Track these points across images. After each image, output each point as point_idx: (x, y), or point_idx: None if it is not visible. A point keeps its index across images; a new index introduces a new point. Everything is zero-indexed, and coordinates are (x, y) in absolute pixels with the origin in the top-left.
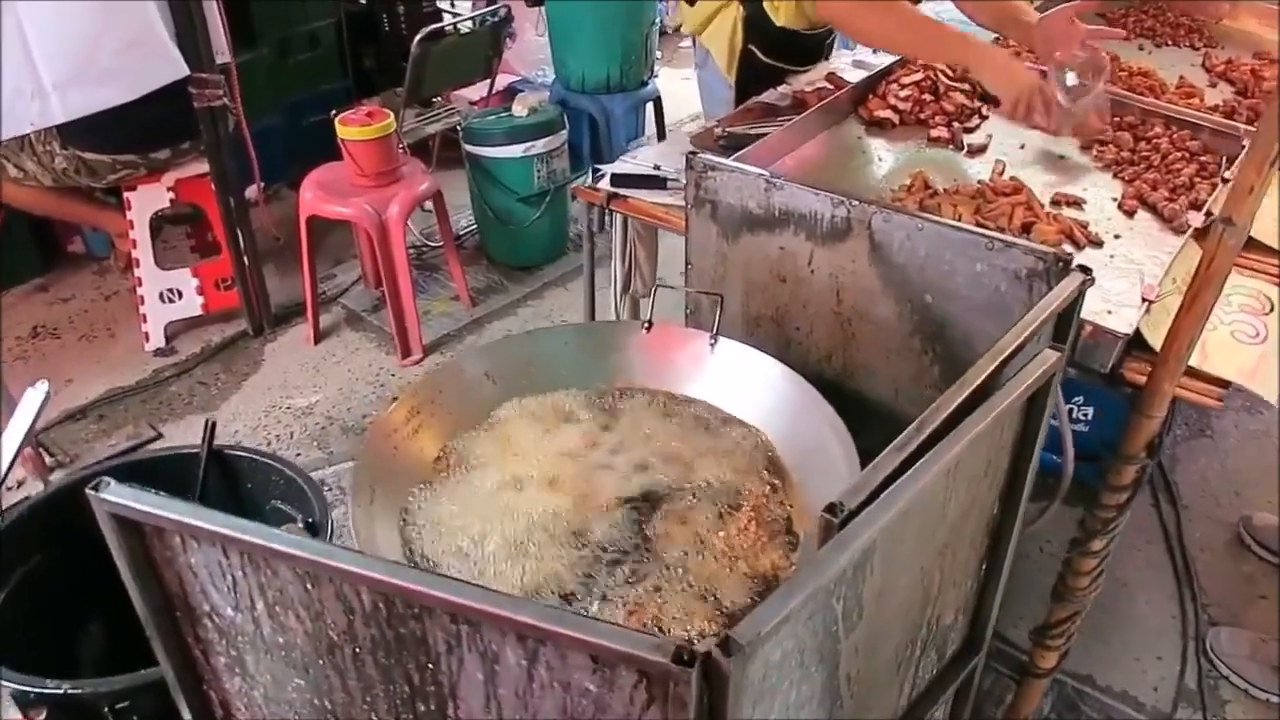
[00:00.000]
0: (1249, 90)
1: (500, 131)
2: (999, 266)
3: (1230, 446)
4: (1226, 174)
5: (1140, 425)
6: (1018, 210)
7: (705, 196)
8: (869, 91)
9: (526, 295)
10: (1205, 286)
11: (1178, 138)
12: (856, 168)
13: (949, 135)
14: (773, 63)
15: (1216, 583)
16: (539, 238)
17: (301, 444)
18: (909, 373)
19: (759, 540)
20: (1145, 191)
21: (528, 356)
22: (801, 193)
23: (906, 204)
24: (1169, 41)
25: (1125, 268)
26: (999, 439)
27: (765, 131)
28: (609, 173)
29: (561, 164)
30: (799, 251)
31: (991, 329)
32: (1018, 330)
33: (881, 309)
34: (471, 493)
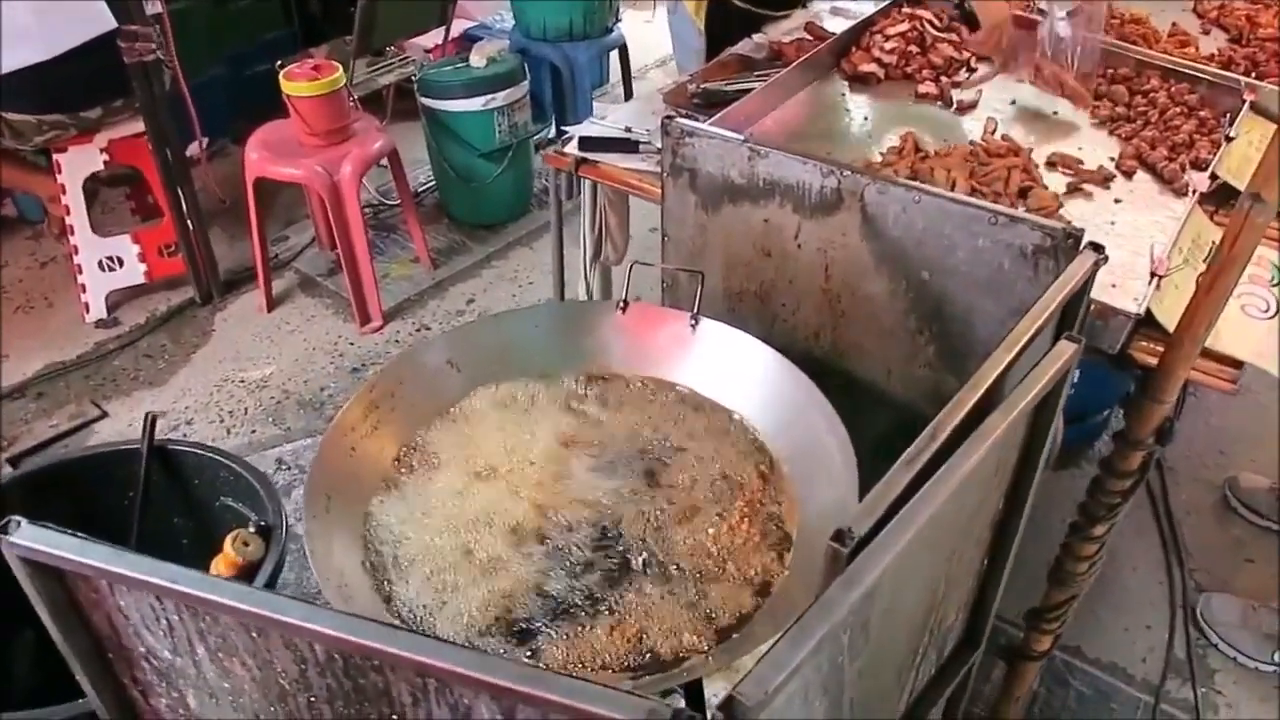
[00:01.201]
0: (1244, 37)
1: (458, 83)
2: (1003, 242)
3: (1213, 405)
4: (1230, 132)
5: (1150, 410)
6: (1014, 174)
7: (683, 164)
8: (852, 44)
9: (490, 255)
10: (1228, 267)
11: (1175, 91)
12: (841, 128)
13: (937, 91)
14: (746, 6)
15: (1204, 548)
16: (502, 194)
17: (256, 420)
18: (902, 353)
19: (750, 539)
20: (1144, 150)
21: (495, 342)
22: (788, 161)
23: (897, 168)
24: None
25: (1129, 235)
26: (1011, 439)
27: (743, 89)
28: (577, 135)
29: (524, 117)
30: (785, 224)
31: (993, 307)
32: (1030, 318)
33: (874, 286)
34: (437, 495)
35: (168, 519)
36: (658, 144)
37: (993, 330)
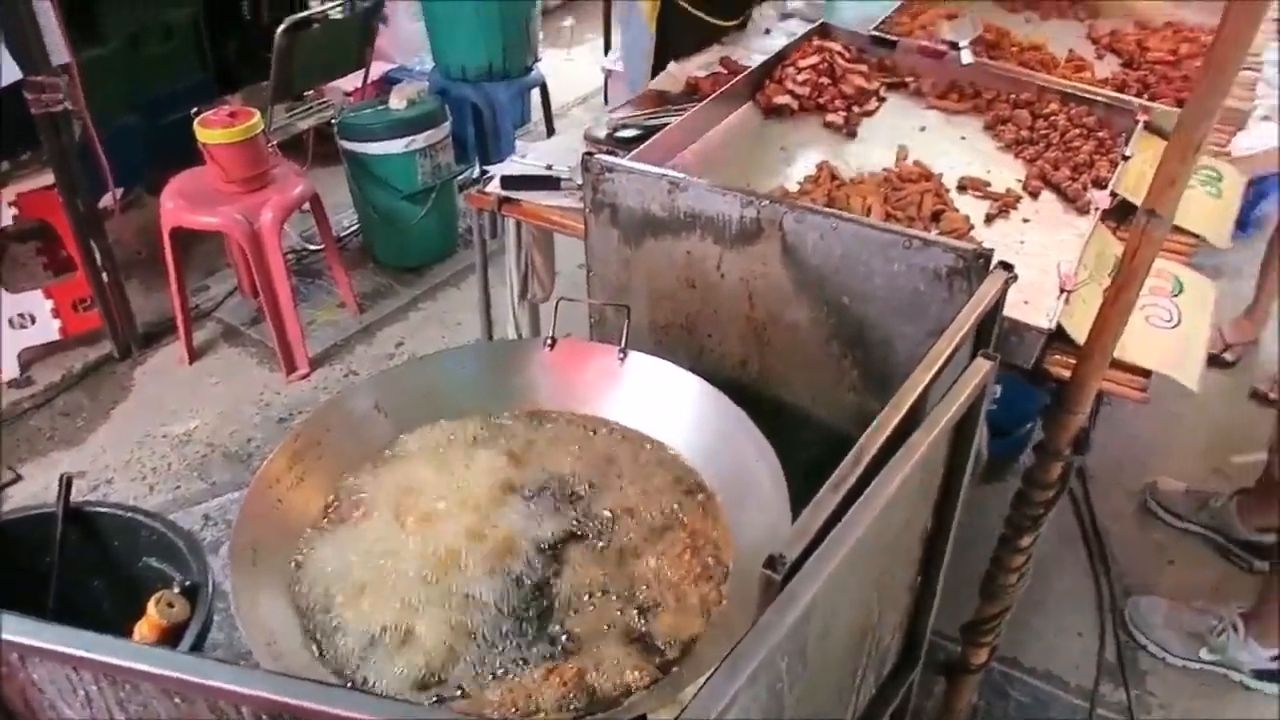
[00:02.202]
0: (1135, 62)
1: (379, 126)
2: (918, 265)
3: (1129, 413)
4: (1127, 151)
5: (1066, 421)
6: (927, 198)
7: (604, 200)
8: (765, 77)
9: (418, 297)
10: (1130, 281)
11: (1074, 114)
12: (759, 159)
13: (843, 121)
14: (695, 11)
15: (1128, 552)
16: (427, 236)
17: (180, 476)
18: (827, 377)
19: (688, 570)
20: (1048, 171)
21: (422, 384)
22: (708, 193)
23: (814, 196)
24: (1054, 14)
25: (1038, 254)
26: (935, 456)
27: (661, 123)
28: (498, 174)
29: (446, 157)
30: (707, 255)
31: (911, 330)
32: (947, 338)
33: (797, 313)
34: (368, 543)
35: (87, 583)
36: (579, 181)
37: (913, 351)
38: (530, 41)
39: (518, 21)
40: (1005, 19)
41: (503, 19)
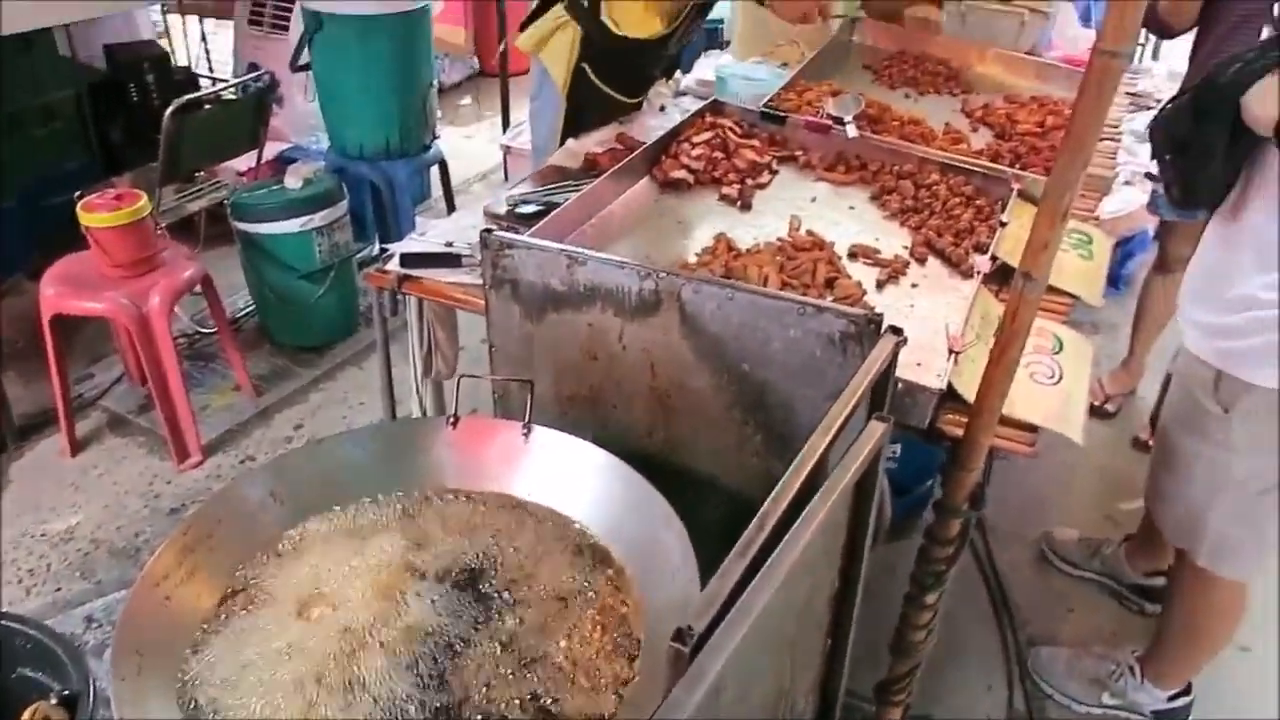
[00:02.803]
0: (1006, 134)
1: (274, 205)
2: (813, 331)
3: (1023, 466)
4: (1003, 217)
5: (961, 479)
6: (820, 266)
7: (504, 276)
8: (662, 152)
9: (318, 378)
10: (1011, 340)
11: (954, 184)
12: (657, 232)
13: (737, 194)
14: (603, 86)
15: (1030, 602)
16: (326, 315)
17: (61, 576)
18: (732, 443)
19: (600, 648)
20: (932, 238)
21: (321, 468)
22: (606, 267)
23: (712, 267)
24: (931, 90)
25: (927, 316)
26: (836, 519)
27: (560, 199)
28: (398, 252)
29: (344, 236)
30: (609, 327)
31: (810, 393)
32: (842, 402)
33: (698, 381)
34: (263, 640)
35: None
36: (479, 257)
37: (813, 413)
38: (428, 119)
39: (414, 100)
40: (886, 95)
41: (399, 98)
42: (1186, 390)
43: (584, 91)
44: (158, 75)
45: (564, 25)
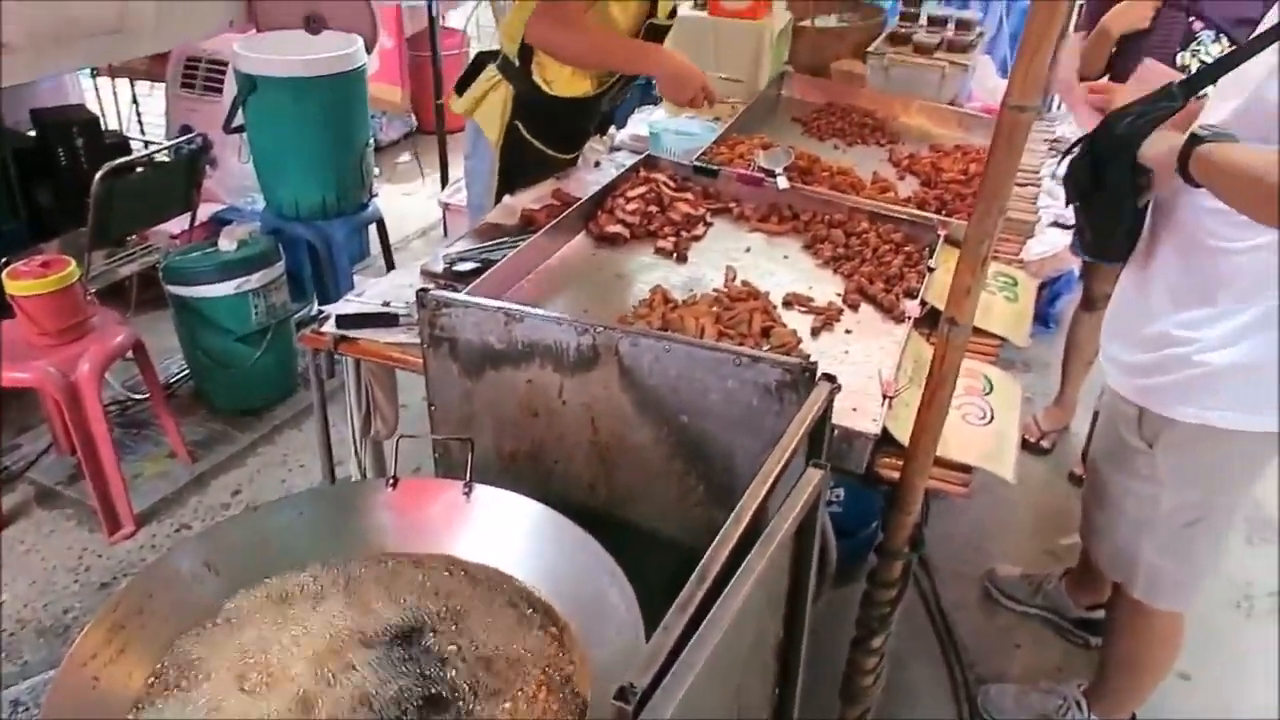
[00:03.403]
0: (932, 181)
1: (208, 268)
2: (750, 381)
3: (966, 504)
4: (931, 263)
5: (900, 521)
6: (756, 315)
7: (442, 335)
8: (597, 207)
9: (255, 442)
10: (941, 383)
11: (883, 231)
12: (594, 287)
13: (673, 246)
14: (537, 144)
15: (977, 639)
16: (264, 377)
17: None
18: (674, 495)
19: (546, 709)
20: (864, 285)
21: (258, 536)
22: (544, 323)
23: (649, 320)
24: (859, 140)
25: (862, 362)
26: (777, 568)
27: (498, 256)
28: (333, 314)
29: (281, 296)
30: (548, 383)
31: (749, 442)
32: (779, 450)
33: (639, 434)
34: (198, 715)
35: None
36: (416, 316)
37: (753, 464)
38: (365, 178)
39: (351, 159)
40: (815, 146)
41: (335, 157)
42: (1112, 427)
43: (518, 149)
44: (87, 139)
45: (496, 85)
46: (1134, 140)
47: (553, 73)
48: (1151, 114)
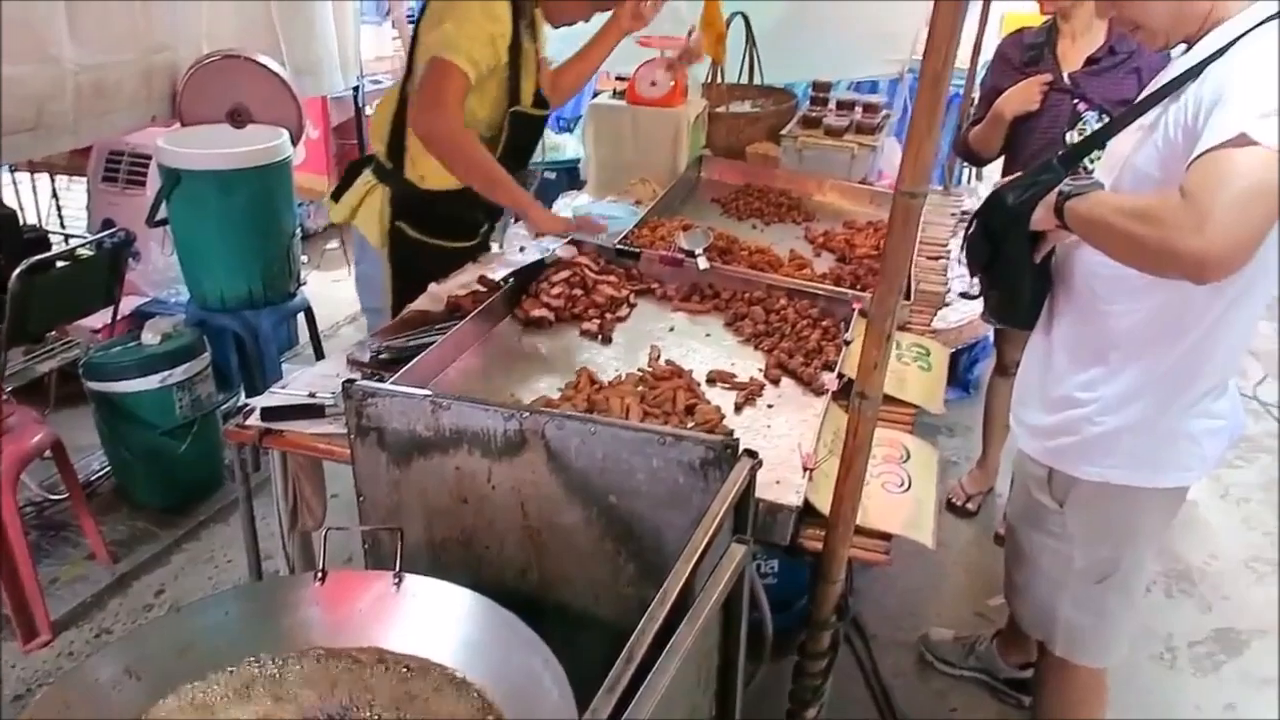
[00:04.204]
0: (846, 257)
1: (131, 362)
2: (674, 459)
3: (898, 570)
4: (847, 336)
5: (826, 591)
6: (680, 394)
7: (369, 425)
8: (522, 292)
9: (180, 539)
10: (856, 455)
11: (800, 307)
12: (521, 372)
13: (598, 329)
14: (424, 238)
15: (914, 704)
16: (189, 472)
17: None
18: (606, 575)
19: None
20: (784, 359)
21: (181, 638)
22: (470, 410)
23: (575, 402)
24: (775, 219)
25: (784, 435)
26: (706, 644)
27: (423, 343)
28: (258, 407)
29: (207, 389)
30: (477, 470)
31: (678, 520)
32: (704, 527)
33: (569, 516)
34: None
35: None
36: (343, 406)
37: (682, 540)
38: (292, 267)
39: (277, 249)
40: (734, 226)
41: (261, 248)
42: (1025, 487)
43: (407, 249)
44: (5, 234)
45: (373, 189)
46: (1024, 215)
47: (425, 167)
48: (1037, 188)
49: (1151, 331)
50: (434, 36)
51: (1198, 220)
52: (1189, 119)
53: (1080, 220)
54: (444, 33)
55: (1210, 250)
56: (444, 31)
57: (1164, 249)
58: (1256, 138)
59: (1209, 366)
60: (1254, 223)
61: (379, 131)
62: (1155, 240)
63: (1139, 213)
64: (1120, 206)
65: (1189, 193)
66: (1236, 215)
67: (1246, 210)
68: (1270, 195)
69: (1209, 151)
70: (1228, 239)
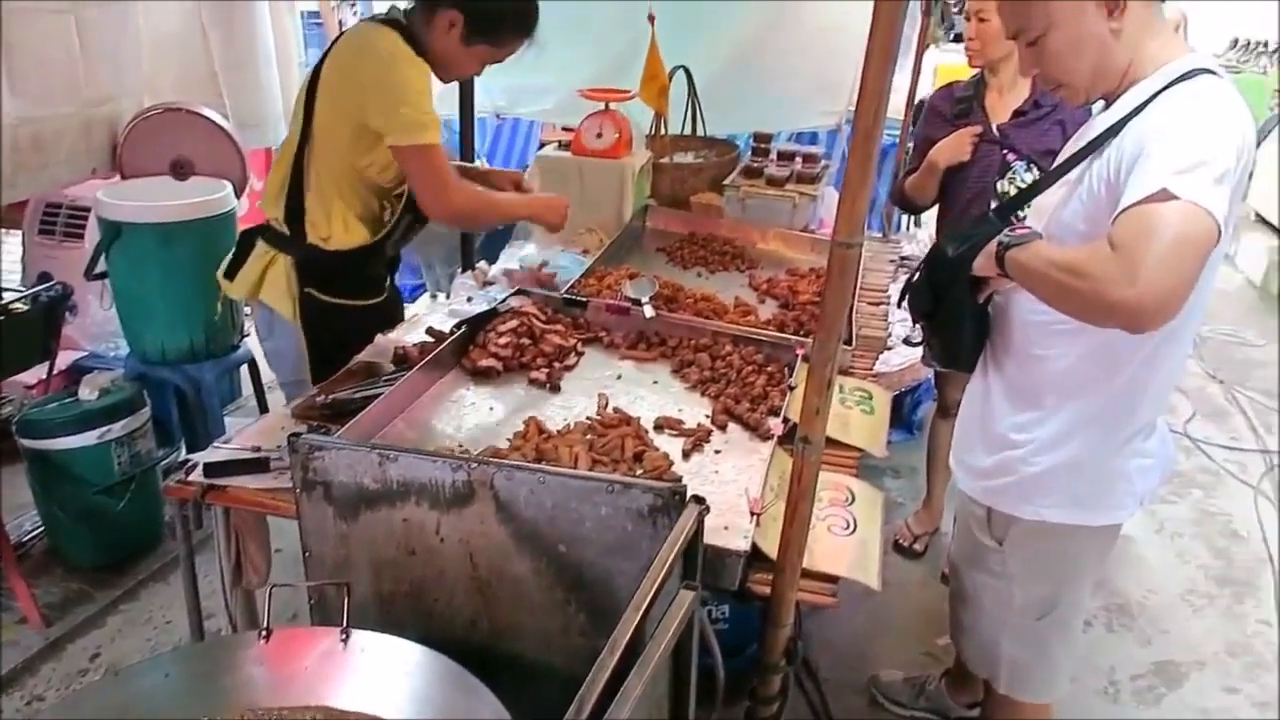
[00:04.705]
0: (790, 304)
1: (67, 419)
2: (623, 507)
3: (847, 612)
4: (792, 381)
5: (775, 635)
6: (628, 441)
7: (315, 479)
8: (470, 342)
9: (117, 599)
10: (801, 499)
11: (746, 353)
12: (470, 422)
13: (546, 377)
14: (336, 300)
15: None
16: (127, 529)
17: None
18: (557, 625)
19: None
20: (731, 405)
21: (119, 704)
22: (418, 462)
23: (524, 451)
24: (720, 267)
25: (732, 480)
26: (656, 691)
27: (371, 395)
28: (200, 462)
29: (147, 444)
30: (425, 521)
31: (627, 567)
32: (653, 574)
33: (519, 566)
34: None
35: None
36: (288, 460)
37: (632, 587)
38: (235, 319)
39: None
40: (679, 275)
41: (203, 300)
42: (966, 527)
43: (319, 314)
44: None
45: (273, 260)
46: (964, 264)
47: (327, 229)
48: (976, 239)
49: (1083, 374)
50: (394, 125)
51: (1130, 273)
52: (1111, 174)
53: (1019, 268)
54: (406, 118)
55: (1144, 301)
56: (405, 117)
57: (1100, 301)
58: (1177, 192)
59: (1140, 406)
60: (1183, 272)
61: (274, 200)
62: (1091, 292)
63: (1074, 267)
64: (1056, 260)
65: (1119, 246)
66: (1166, 266)
67: (1174, 261)
68: (1195, 246)
69: (1134, 206)
70: (1159, 289)
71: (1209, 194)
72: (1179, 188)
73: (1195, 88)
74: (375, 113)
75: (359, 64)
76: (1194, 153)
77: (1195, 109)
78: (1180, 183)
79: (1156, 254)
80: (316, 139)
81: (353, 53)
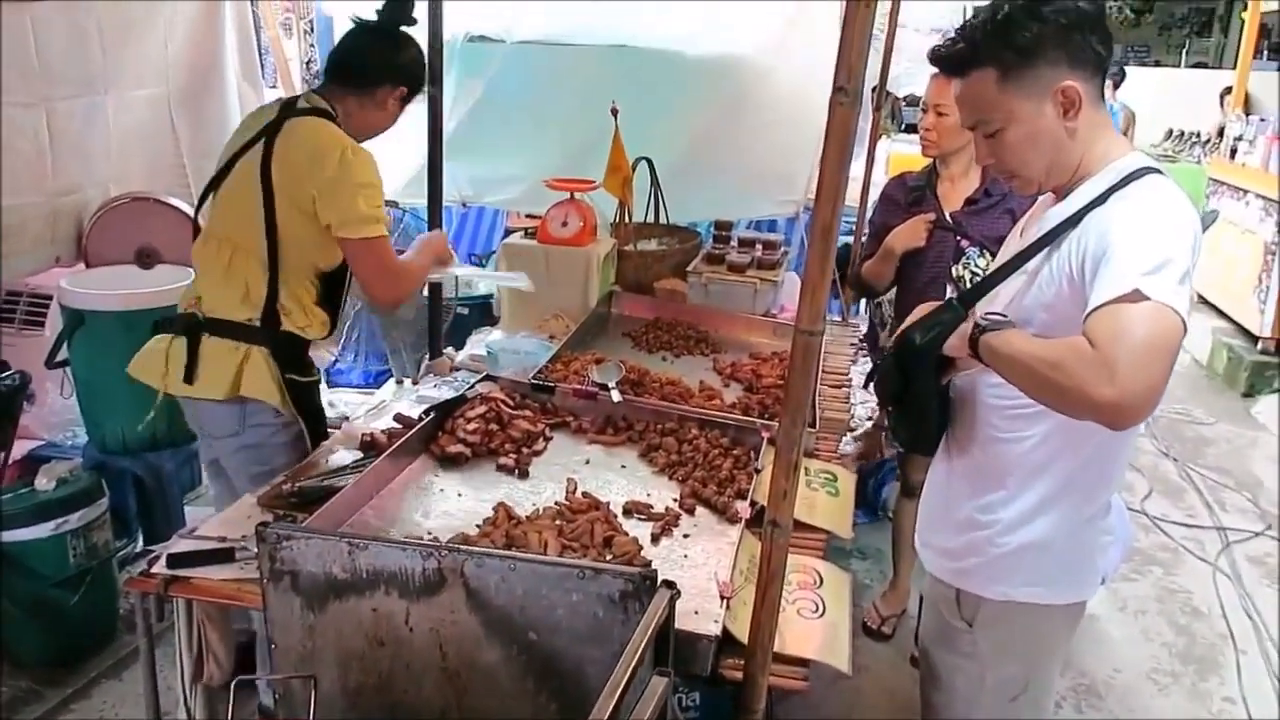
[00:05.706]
0: (754, 387)
1: (22, 510)
2: (594, 593)
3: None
4: (758, 464)
5: None
6: (597, 526)
7: (283, 569)
8: (438, 428)
9: (69, 698)
10: (770, 583)
11: (712, 437)
12: (439, 509)
13: (514, 463)
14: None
15: None
16: (81, 624)
17: None
18: (527, 715)
19: None
20: (698, 489)
21: None
22: (388, 550)
23: (493, 538)
24: (685, 351)
25: (701, 564)
26: None
27: (340, 483)
28: (164, 553)
29: (104, 535)
30: (394, 610)
31: (599, 654)
32: (625, 662)
33: (489, 655)
34: None
35: None
36: (255, 550)
37: (603, 674)
38: None
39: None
40: (645, 359)
41: None
42: (935, 609)
43: (300, 396)
44: None
45: (248, 354)
46: (931, 350)
47: (304, 319)
48: (941, 327)
49: (1045, 455)
50: (349, 219)
51: (1108, 372)
52: (1072, 267)
53: (993, 353)
54: (360, 212)
55: (1124, 399)
56: (359, 211)
57: (1080, 398)
58: (1148, 293)
59: (1101, 484)
60: (1159, 371)
61: (251, 300)
62: (1071, 388)
63: (1053, 361)
64: (1035, 351)
65: (1096, 344)
66: (1142, 365)
67: (1150, 360)
68: (1168, 344)
69: (1107, 305)
70: (1138, 387)
71: (1174, 294)
72: (1150, 289)
73: (1146, 187)
74: (328, 208)
75: (313, 169)
76: (1158, 253)
77: (1153, 209)
78: (1150, 284)
79: (1133, 352)
80: (284, 241)
81: (306, 158)
